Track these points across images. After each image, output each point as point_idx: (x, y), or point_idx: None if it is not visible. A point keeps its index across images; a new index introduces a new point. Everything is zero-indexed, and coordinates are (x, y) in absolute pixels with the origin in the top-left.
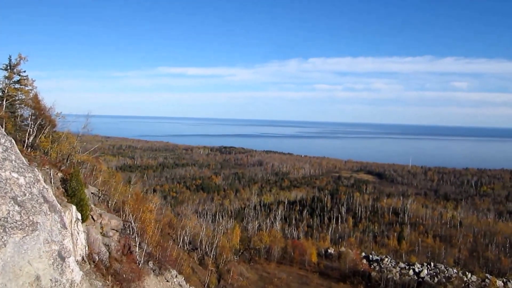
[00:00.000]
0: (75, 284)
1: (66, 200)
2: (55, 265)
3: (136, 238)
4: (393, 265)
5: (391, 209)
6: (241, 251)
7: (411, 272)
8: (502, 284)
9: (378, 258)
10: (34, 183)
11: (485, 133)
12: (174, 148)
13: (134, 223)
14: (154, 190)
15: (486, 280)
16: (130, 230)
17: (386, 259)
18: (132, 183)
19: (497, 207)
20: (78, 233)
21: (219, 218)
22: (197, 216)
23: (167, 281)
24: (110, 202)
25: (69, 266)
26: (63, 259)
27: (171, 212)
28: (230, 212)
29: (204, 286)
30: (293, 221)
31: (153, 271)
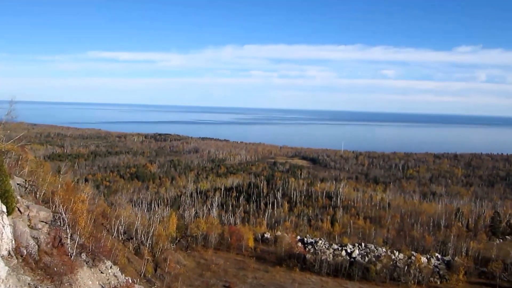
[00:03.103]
0: (1, 280)
1: None
2: None
3: (68, 230)
4: (326, 247)
5: (324, 193)
6: (178, 239)
7: (343, 252)
8: (426, 260)
9: (313, 240)
10: None
11: (411, 119)
12: (106, 136)
13: (65, 214)
14: (86, 180)
15: (412, 257)
16: (60, 222)
17: (320, 242)
18: (62, 172)
19: (422, 189)
20: (3, 227)
21: (155, 206)
22: (132, 205)
23: (102, 272)
24: (38, 193)
25: None
26: None
27: (105, 202)
28: (166, 200)
29: (141, 275)
30: (230, 208)
31: (86, 263)
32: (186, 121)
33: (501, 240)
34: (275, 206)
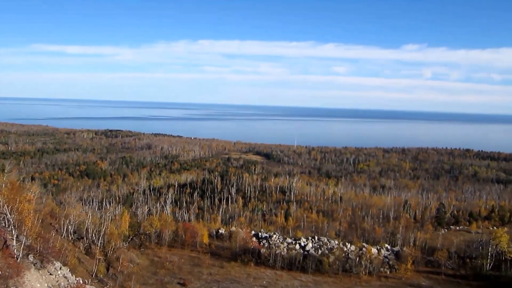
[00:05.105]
0: None
1: None
2: None
3: (13, 231)
4: (281, 241)
5: (278, 188)
6: (131, 237)
7: (297, 246)
8: (376, 251)
9: (267, 235)
10: None
11: (362, 115)
12: (54, 132)
13: (10, 215)
14: (33, 178)
15: (363, 248)
16: (5, 223)
17: (275, 236)
18: (6, 171)
19: (372, 182)
20: None
21: (106, 204)
22: (82, 204)
23: (51, 274)
24: None
25: None
26: None
27: (53, 201)
28: (118, 198)
29: (92, 275)
30: (184, 204)
31: (34, 265)
32: (138, 116)
33: (446, 230)
34: (230, 201)
